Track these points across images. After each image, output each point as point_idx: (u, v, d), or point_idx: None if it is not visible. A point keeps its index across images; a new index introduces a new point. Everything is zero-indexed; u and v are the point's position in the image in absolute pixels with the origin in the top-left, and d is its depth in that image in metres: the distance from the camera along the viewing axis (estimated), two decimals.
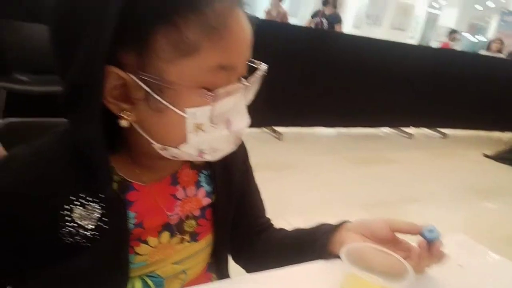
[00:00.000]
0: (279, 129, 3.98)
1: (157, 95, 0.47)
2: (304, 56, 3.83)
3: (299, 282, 0.59)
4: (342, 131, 4.65)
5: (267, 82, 0.56)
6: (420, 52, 4.89)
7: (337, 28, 6.29)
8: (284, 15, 6.43)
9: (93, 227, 0.52)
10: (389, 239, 0.64)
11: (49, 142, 0.54)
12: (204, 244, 0.68)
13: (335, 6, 6.43)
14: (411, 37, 11.70)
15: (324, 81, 4.07)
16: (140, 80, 0.46)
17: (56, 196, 0.50)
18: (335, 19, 6.36)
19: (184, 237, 0.63)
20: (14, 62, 2.42)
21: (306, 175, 3.14)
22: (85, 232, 0.52)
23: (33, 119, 0.76)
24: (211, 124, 0.50)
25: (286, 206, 2.46)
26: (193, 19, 0.45)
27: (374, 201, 2.83)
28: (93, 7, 0.44)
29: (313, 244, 0.68)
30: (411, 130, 5.06)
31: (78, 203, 0.51)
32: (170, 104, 0.47)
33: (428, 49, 5.31)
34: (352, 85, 4.27)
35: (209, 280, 0.72)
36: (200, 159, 0.54)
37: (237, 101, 0.52)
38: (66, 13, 0.46)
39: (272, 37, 3.31)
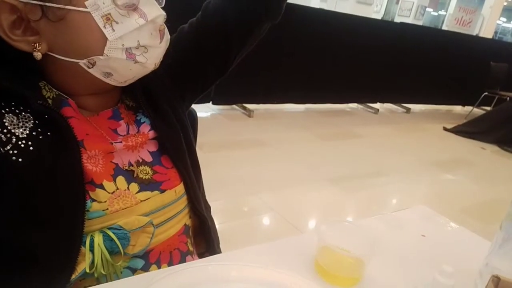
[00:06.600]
0: (250, 106, 3.99)
1: (51, 3, 0.47)
2: (272, 32, 3.80)
3: (279, 256, 0.62)
4: (311, 107, 4.72)
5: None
6: (385, 27, 4.97)
7: None
8: None
9: (26, 136, 0.50)
10: None
11: None
12: (174, 196, 0.63)
13: None
14: (376, 11, 11.80)
15: (293, 57, 4.07)
16: None
17: None
18: None
19: (135, 183, 0.59)
20: None
21: (277, 151, 3.18)
22: (18, 142, 0.49)
23: None
24: (119, 11, 0.49)
25: (258, 182, 2.50)
26: None
27: (342, 175, 2.92)
28: None
29: None
30: (377, 105, 5.20)
31: (9, 109, 0.50)
32: (68, 5, 0.47)
33: (392, 24, 5.38)
34: (320, 62, 4.30)
35: (183, 244, 0.67)
36: (133, 63, 0.52)
37: None
38: None
39: None
